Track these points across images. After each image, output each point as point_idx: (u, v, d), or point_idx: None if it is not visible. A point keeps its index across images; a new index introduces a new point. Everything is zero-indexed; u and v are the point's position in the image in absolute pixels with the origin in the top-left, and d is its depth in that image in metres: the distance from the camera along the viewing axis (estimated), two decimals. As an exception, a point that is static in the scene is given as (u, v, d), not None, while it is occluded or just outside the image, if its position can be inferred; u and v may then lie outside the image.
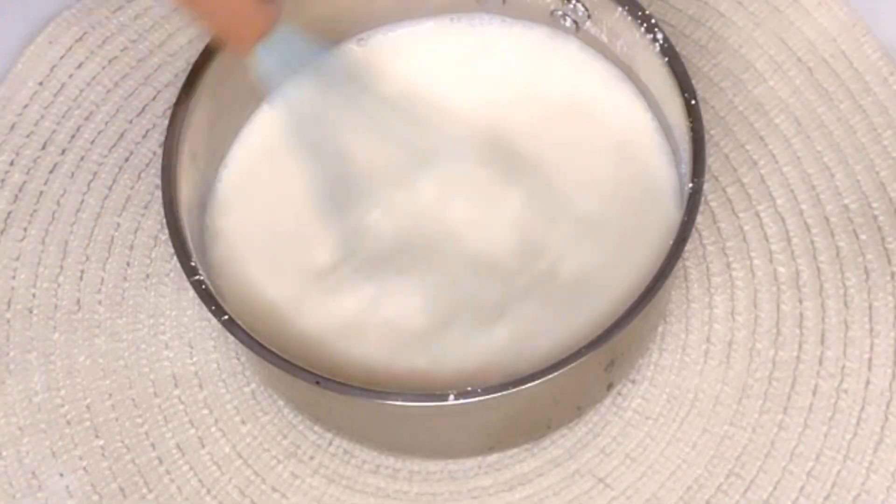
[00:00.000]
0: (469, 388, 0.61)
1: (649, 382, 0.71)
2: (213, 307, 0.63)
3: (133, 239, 0.75)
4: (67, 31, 0.80)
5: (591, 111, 0.71)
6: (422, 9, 0.73)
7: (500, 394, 0.61)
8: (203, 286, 0.63)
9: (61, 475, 0.70)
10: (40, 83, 0.79)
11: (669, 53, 0.67)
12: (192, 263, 0.64)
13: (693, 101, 0.65)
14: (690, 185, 0.63)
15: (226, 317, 0.63)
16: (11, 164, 0.77)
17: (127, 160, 0.77)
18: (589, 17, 0.70)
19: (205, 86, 0.68)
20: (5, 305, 0.74)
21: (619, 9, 0.68)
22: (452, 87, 0.72)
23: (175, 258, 0.65)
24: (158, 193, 0.74)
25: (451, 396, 0.60)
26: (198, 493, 0.70)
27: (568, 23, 0.71)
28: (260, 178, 0.71)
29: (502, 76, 0.72)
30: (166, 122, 0.67)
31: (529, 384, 0.61)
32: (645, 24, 0.67)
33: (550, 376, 0.61)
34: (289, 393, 0.69)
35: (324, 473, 0.70)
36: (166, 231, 0.65)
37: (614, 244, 0.68)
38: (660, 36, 0.67)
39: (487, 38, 0.73)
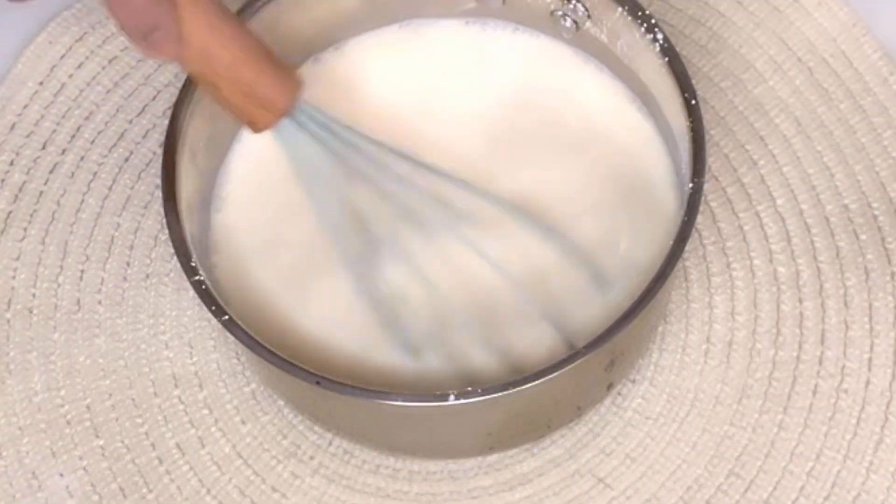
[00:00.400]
0: (469, 388, 0.61)
1: (649, 382, 0.71)
2: (213, 307, 0.63)
3: (133, 239, 0.75)
4: (67, 31, 0.80)
5: (591, 114, 0.71)
6: (424, 10, 0.73)
7: (500, 394, 0.60)
8: (203, 286, 0.63)
9: (61, 475, 0.70)
10: (40, 83, 0.79)
11: (669, 53, 0.67)
12: (192, 263, 0.64)
13: (693, 101, 0.65)
14: (690, 185, 0.63)
15: (226, 317, 0.63)
16: (11, 164, 0.77)
17: (127, 160, 0.77)
18: (589, 17, 0.70)
19: (205, 86, 0.68)
20: (5, 305, 0.74)
21: (619, 9, 0.68)
22: (455, 91, 0.72)
23: (175, 258, 0.65)
24: (158, 193, 0.74)
25: (451, 396, 0.60)
26: (198, 493, 0.70)
27: (568, 23, 0.71)
28: (260, 177, 0.71)
29: (503, 81, 0.72)
30: (166, 122, 0.67)
31: (529, 384, 0.61)
32: (645, 24, 0.67)
33: (550, 376, 0.61)
34: (289, 393, 0.69)
35: (324, 473, 0.70)
36: (166, 231, 0.65)
37: (614, 244, 0.68)
38: (660, 36, 0.67)
39: (491, 43, 0.73)
